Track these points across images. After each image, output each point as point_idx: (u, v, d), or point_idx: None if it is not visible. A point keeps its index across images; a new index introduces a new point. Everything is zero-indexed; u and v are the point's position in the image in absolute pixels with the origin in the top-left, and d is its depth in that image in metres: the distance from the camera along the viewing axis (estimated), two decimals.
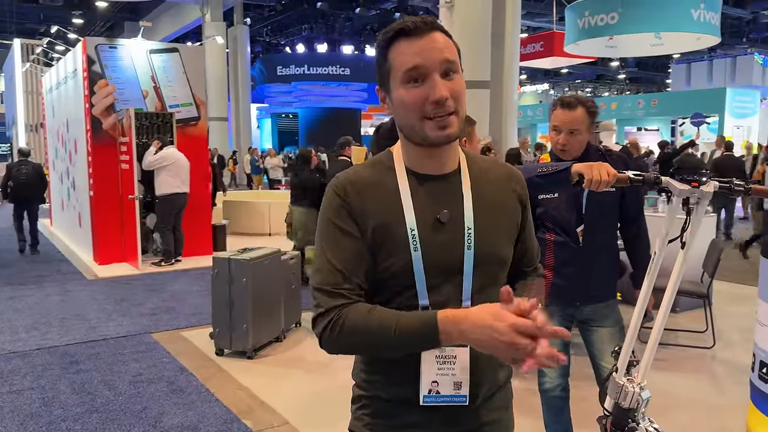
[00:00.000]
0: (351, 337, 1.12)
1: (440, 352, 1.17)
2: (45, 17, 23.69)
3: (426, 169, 1.21)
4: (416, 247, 1.16)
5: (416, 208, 1.18)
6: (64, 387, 3.94)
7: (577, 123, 2.47)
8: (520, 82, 35.01)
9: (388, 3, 22.14)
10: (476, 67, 10.13)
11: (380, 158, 1.25)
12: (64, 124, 9.35)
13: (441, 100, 1.11)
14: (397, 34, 1.14)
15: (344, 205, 1.17)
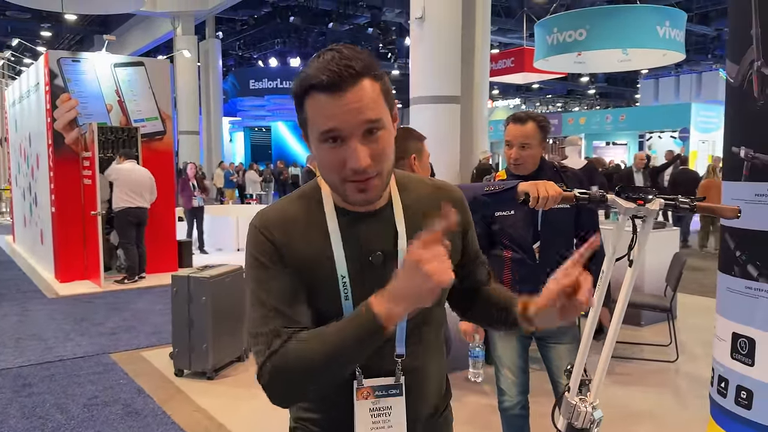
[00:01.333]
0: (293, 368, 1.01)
1: (373, 404, 1.11)
2: (13, 29, 23.30)
3: (355, 206, 1.11)
4: (347, 296, 1.08)
5: (346, 251, 1.09)
6: (14, 411, 3.79)
7: (528, 137, 2.50)
8: (492, 97, 35.46)
9: (361, 18, 22.26)
10: (446, 82, 10.19)
11: (307, 191, 1.15)
12: (27, 139, 9.15)
13: (359, 170, 1.01)
14: (311, 87, 1.01)
15: (269, 244, 1.08)
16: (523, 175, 2.54)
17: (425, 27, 10.30)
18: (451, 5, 10.30)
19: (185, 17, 18.42)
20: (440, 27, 10.27)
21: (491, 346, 2.71)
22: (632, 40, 11.31)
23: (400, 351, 1.12)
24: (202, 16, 18.69)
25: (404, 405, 1.13)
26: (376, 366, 1.11)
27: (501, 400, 2.72)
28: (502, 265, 2.59)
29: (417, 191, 1.20)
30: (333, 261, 1.09)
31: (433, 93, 10.44)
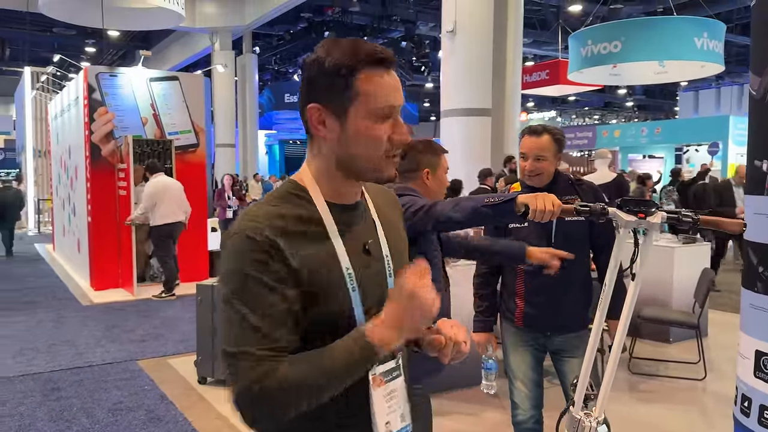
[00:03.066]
0: (285, 395, 0.99)
1: (384, 390, 1.13)
2: (59, 46, 24.16)
3: (342, 199, 1.15)
4: (354, 286, 1.10)
5: (345, 243, 1.12)
6: (42, 414, 3.91)
7: (543, 150, 2.49)
8: (527, 110, 35.17)
9: (395, 32, 22.42)
10: (478, 94, 10.18)
11: (290, 190, 1.13)
12: (67, 151, 9.48)
13: (404, 142, 1.12)
14: (375, 62, 1.07)
15: (265, 251, 1.02)
16: (537, 187, 2.54)
17: (456, 40, 10.32)
18: (483, 18, 10.29)
19: (223, 33, 18.84)
20: (471, 40, 10.28)
21: (504, 359, 2.69)
22: (669, 51, 11.13)
23: None
24: (240, 31, 19.09)
25: (404, 386, 1.18)
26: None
27: (514, 414, 2.69)
28: (515, 277, 2.59)
29: (375, 193, 1.28)
30: (335, 255, 1.09)
31: (464, 105, 10.42)
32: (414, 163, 2.35)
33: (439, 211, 1.99)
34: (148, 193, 7.14)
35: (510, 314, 2.63)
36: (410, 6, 20.77)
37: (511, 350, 2.64)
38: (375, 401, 1.11)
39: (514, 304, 2.60)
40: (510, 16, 11.79)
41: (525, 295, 2.57)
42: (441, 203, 2.03)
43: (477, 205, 1.86)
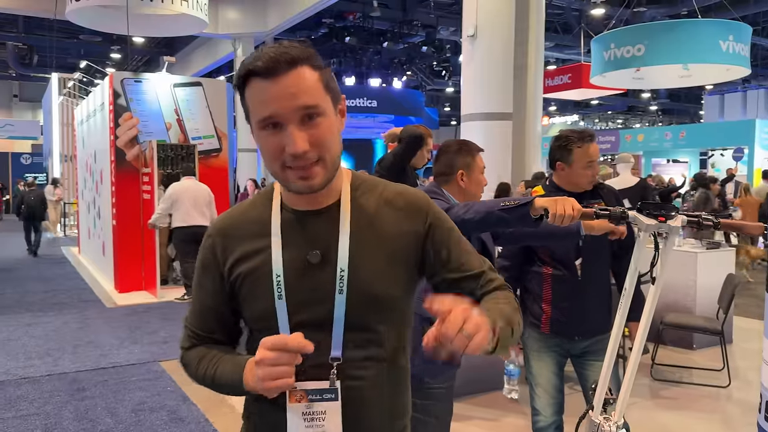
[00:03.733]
0: (192, 377, 1.21)
1: (307, 408, 1.08)
2: (85, 52, 24.60)
3: (301, 204, 1.12)
4: (280, 294, 1.08)
5: (286, 249, 1.09)
6: (68, 413, 3.99)
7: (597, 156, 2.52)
8: (550, 114, 34.94)
9: (416, 37, 22.46)
10: (498, 98, 10.15)
11: (265, 191, 1.19)
12: (92, 155, 9.65)
13: (296, 154, 1.01)
14: (248, 74, 1.02)
15: (207, 253, 1.17)
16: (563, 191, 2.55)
17: (477, 44, 10.32)
18: (504, 23, 10.27)
19: (245, 39, 19.01)
20: (492, 44, 10.26)
21: (526, 365, 2.69)
22: (693, 55, 11.00)
23: (335, 354, 1.09)
24: (262, 37, 19.24)
25: (340, 411, 1.08)
26: (312, 368, 1.07)
27: (535, 420, 2.68)
28: (542, 282, 2.58)
29: (376, 194, 1.17)
30: (269, 261, 1.10)
31: (485, 110, 10.39)
32: (448, 166, 2.34)
33: (454, 214, 1.99)
34: (166, 195, 7.25)
35: (535, 320, 2.62)
36: (431, 11, 20.80)
37: (535, 356, 2.63)
38: (290, 417, 1.08)
39: (540, 310, 2.59)
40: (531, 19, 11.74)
41: (552, 301, 2.56)
42: (457, 206, 2.03)
43: (492, 208, 1.86)
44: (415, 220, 1.16)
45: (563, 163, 2.47)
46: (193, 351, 1.20)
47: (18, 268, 10.33)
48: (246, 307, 1.14)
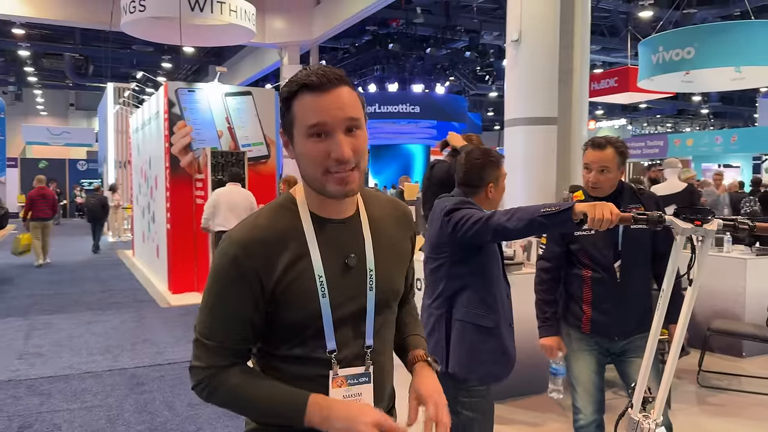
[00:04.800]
0: (223, 402, 1.21)
1: (346, 392, 1.22)
2: (138, 62, 25.50)
3: (328, 213, 1.24)
4: (324, 293, 1.19)
5: (322, 254, 1.21)
6: (128, 406, 4.23)
7: (607, 161, 2.57)
8: (596, 117, 34.36)
9: (459, 42, 22.49)
10: (543, 103, 10.08)
11: (281, 203, 1.25)
12: (147, 162, 10.06)
13: (343, 159, 1.14)
14: (302, 88, 1.15)
15: (242, 264, 1.16)
16: (601, 198, 2.61)
17: (521, 49, 10.30)
18: (548, 27, 10.21)
19: (291, 47, 19.40)
20: (537, 48, 10.21)
21: (567, 363, 2.76)
22: (746, 57, 10.74)
23: (369, 343, 1.26)
24: (307, 46, 19.60)
25: (372, 391, 1.26)
26: (350, 356, 1.24)
27: (576, 419, 2.75)
28: (581, 284, 2.65)
29: (378, 204, 1.35)
30: (311, 263, 1.19)
31: (529, 114, 10.35)
32: (478, 179, 2.42)
33: (496, 222, 2.08)
34: (209, 201, 7.50)
35: (576, 320, 2.69)
36: (474, 16, 20.82)
37: (575, 356, 2.70)
38: (331, 395, 1.22)
39: (580, 311, 2.66)
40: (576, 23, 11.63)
41: (592, 302, 2.63)
42: (497, 214, 2.11)
43: (533, 215, 1.95)
44: (407, 228, 1.40)
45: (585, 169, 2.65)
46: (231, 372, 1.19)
47: (76, 270, 10.82)
48: (288, 311, 1.19)
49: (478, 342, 2.33)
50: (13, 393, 4.47)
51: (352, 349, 1.24)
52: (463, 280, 2.35)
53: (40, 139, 29.51)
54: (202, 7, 13.09)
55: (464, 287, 2.35)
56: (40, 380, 4.76)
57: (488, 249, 2.34)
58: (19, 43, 21.71)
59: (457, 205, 2.31)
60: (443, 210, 2.33)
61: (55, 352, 5.54)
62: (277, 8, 18.95)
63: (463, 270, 2.34)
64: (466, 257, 2.33)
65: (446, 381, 2.30)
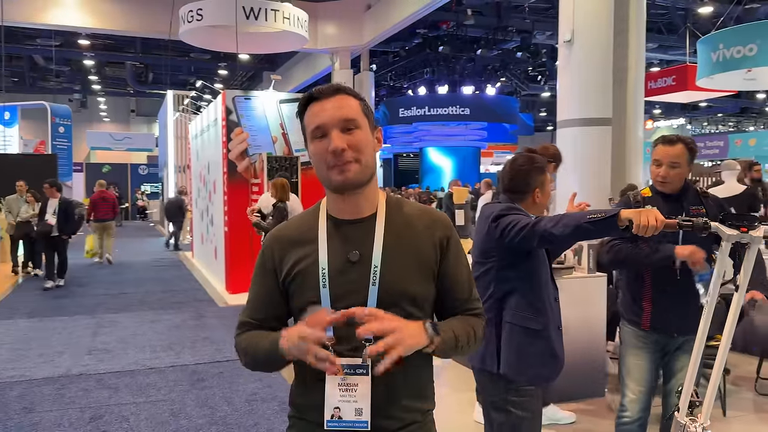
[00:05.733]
0: (242, 359, 1.45)
1: (342, 380, 1.31)
2: (195, 69, 26.36)
3: (343, 214, 1.40)
4: (324, 284, 1.35)
5: (330, 250, 1.37)
6: (190, 401, 4.45)
7: (677, 157, 2.63)
8: (654, 117, 33.43)
9: (511, 42, 22.33)
10: (596, 103, 9.97)
11: (312, 208, 1.48)
12: (206, 167, 10.43)
13: (337, 150, 1.30)
14: (308, 100, 1.37)
15: (267, 257, 1.44)
16: (668, 194, 2.66)
17: (574, 49, 10.19)
18: (602, 26, 10.08)
19: (342, 53, 19.70)
20: (590, 48, 10.10)
21: (620, 359, 2.79)
22: None
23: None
24: (358, 50, 19.86)
25: (369, 385, 1.31)
26: (350, 347, 1.32)
27: (620, 416, 2.78)
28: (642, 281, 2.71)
29: (406, 211, 1.44)
30: (318, 257, 1.37)
31: (582, 115, 10.22)
32: (524, 185, 2.48)
33: (542, 228, 2.14)
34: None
35: (635, 317, 2.72)
36: (526, 16, 20.63)
37: (631, 353, 2.73)
38: (327, 386, 1.32)
39: (639, 308, 2.71)
40: (631, 21, 11.45)
41: (652, 299, 2.67)
42: (544, 220, 2.17)
43: (579, 221, 2.00)
44: (437, 236, 1.42)
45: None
46: (244, 335, 1.44)
47: (140, 271, 11.31)
48: (296, 298, 1.40)
49: (526, 344, 2.39)
50: (84, 386, 4.76)
51: (351, 341, 1.30)
52: (511, 283, 2.41)
53: (103, 144, 30.82)
54: (257, 16, 13.49)
55: (512, 291, 2.41)
56: (108, 375, 5.05)
57: (536, 254, 2.39)
58: (84, 53, 22.79)
59: (504, 210, 2.37)
60: (490, 216, 2.40)
61: (121, 348, 5.85)
62: (329, 14, 19.28)
63: (511, 274, 2.40)
64: (514, 262, 2.39)
65: (498, 381, 2.38)
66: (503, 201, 2.51)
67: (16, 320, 7.06)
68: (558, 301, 2.54)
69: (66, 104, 23.76)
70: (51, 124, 20.28)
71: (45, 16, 16.25)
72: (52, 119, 20.31)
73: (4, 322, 6.96)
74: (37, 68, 26.26)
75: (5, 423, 4.02)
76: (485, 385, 2.49)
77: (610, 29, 10.13)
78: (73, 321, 7.03)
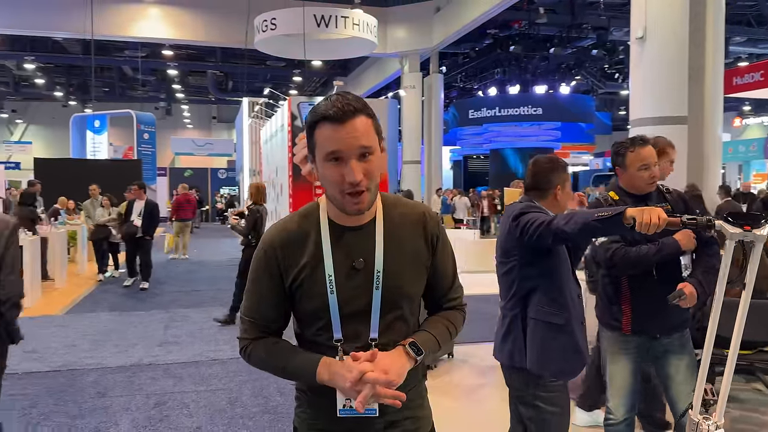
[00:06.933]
0: (257, 364, 1.50)
1: None
2: (271, 77, 27.31)
3: (345, 221, 1.43)
4: (332, 290, 1.39)
5: (335, 257, 1.40)
6: (247, 390, 4.70)
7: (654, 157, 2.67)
8: (743, 114, 31.66)
9: (586, 40, 21.79)
10: (671, 101, 9.63)
11: (309, 209, 1.48)
12: (275, 171, 10.85)
13: (355, 182, 1.32)
14: (322, 119, 1.32)
15: (271, 262, 1.43)
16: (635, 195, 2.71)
17: (647, 46, 9.88)
18: (676, 22, 9.74)
19: (412, 56, 19.87)
20: (664, 45, 9.77)
21: (602, 363, 2.80)
22: None
23: (373, 336, 1.42)
24: (427, 53, 19.96)
25: None
26: (357, 347, 1.40)
27: (607, 418, 2.79)
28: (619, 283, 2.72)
29: (399, 209, 1.50)
30: (323, 265, 1.40)
31: (656, 114, 9.91)
32: (546, 182, 2.53)
33: (556, 225, 2.19)
34: None
35: (615, 322, 2.72)
36: (602, 12, 20.08)
37: (613, 358, 2.73)
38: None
39: (619, 311, 2.70)
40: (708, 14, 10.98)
41: (631, 301, 2.66)
42: (558, 217, 2.21)
43: (588, 219, 2.04)
44: (427, 231, 1.51)
45: (620, 168, 2.69)
46: (262, 342, 1.48)
47: (214, 270, 11.86)
48: (303, 303, 1.44)
49: (549, 338, 2.42)
50: (152, 375, 5.12)
51: (359, 341, 1.41)
52: (534, 281, 2.45)
53: (186, 149, 32.42)
54: (327, 23, 13.90)
55: (535, 288, 2.45)
56: (175, 365, 5.40)
57: (556, 251, 2.43)
58: (168, 63, 24.08)
59: (523, 209, 2.42)
60: (511, 215, 2.46)
61: (189, 341, 6.22)
62: (398, 18, 19.50)
63: (532, 272, 2.45)
64: (535, 260, 2.44)
65: (525, 376, 2.46)
66: (524, 200, 2.56)
67: (99, 314, 7.62)
68: (581, 297, 2.56)
69: (152, 112, 25.17)
70: (136, 131, 21.57)
71: (132, 29, 17.35)
72: (138, 126, 21.61)
73: (88, 315, 7.54)
74: (125, 78, 28.00)
75: (80, 405, 4.40)
76: (513, 380, 2.55)
77: (685, 24, 9.76)
78: (149, 315, 7.51)
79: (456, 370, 5.14)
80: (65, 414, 4.23)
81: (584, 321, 2.55)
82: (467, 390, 4.67)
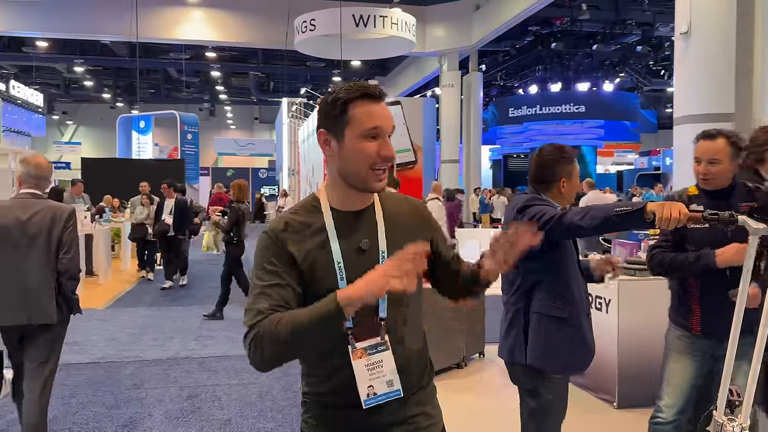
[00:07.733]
0: (272, 343, 1.29)
1: (368, 361, 1.40)
2: (311, 77, 27.55)
3: (348, 206, 1.46)
4: (342, 276, 1.40)
5: (341, 240, 1.43)
6: (277, 385, 4.76)
7: (717, 153, 2.50)
8: None
9: (630, 36, 21.31)
10: (717, 98, 9.35)
11: (307, 201, 1.50)
12: (311, 170, 10.97)
13: (389, 157, 1.40)
14: (363, 95, 1.38)
15: (275, 247, 1.40)
16: (714, 191, 2.54)
17: (691, 41, 9.62)
18: (722, 15, 9.46)
19: (451, 54, 19.73)
20: (710, 39, 9.50)
21: (664, 359, 2.69)
22: None
23: (382, 315, 1.43)
24: (466, 51, 19.80)
25: (392, 357, 1.42)
26: (367, 329, 1.42)
27: (655, 416, 2.68)
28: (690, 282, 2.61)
29: (395, 200, 1.57)
30: (330, 252, 1.42)
31: (701, 111, 9.65)
32: (551, 174, 2.47)
33: (569, 220, 2.14)
34: None
35: (683, 320, 2.62)
36: (647, 8, 19.60)
37: (676, 356, 2.63)
38: (356, 370, 1.40)
39: (689, 310, 2.60)
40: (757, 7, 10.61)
41: (701, 300, 2.56)
42: (571, 212, 2.17)
43: (608, 213, 1.99)
44: (422, 220, 1.59)
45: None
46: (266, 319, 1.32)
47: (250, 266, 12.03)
48: (313, 288, 1.40)
49: (554, 330, 2.38)
50: (186, 368, 5.24)
51: (368, 323, 1.42)
52: (537, 275, 2.41)
53: (228, 150, 33.02)
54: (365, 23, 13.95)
55: (539, 282, 2.41)
56: (210, 359, 5.51)
57: (562, 245, 2.38)
58: (211, 65, 24.58)
59: (528, 201, 2.38)
60: (515, 207, 2.42)
61: (224, 336, 6.34)
62: (437, 17, 19.40)
63: (536, 265, 2.38)
64: (539, 254, 2.37)
65: (526, 372, 2.41)
66: (528, 192, 2.51)
67: (138, 308, 7.83)
68: (588, 293, 2.51)
69: (196, 113, 25.73)
70: (180, 131, 22.09)
71: (176, 31, 17.76)
72: (181, 127, 22.13)
73: (128, 309, 7.76)
74: (171, 80, 28.68)
75: (117, 396, 4.53)
76: (518, 377, 2.51)
77: (732, 18, 9.46)
78: (186, 311, 7.68)
79: (487, 368, 5.10)
80: (102, 404, 4.36)
81: (590, 314, 2.49)
82: (496, 388, 4.63)
